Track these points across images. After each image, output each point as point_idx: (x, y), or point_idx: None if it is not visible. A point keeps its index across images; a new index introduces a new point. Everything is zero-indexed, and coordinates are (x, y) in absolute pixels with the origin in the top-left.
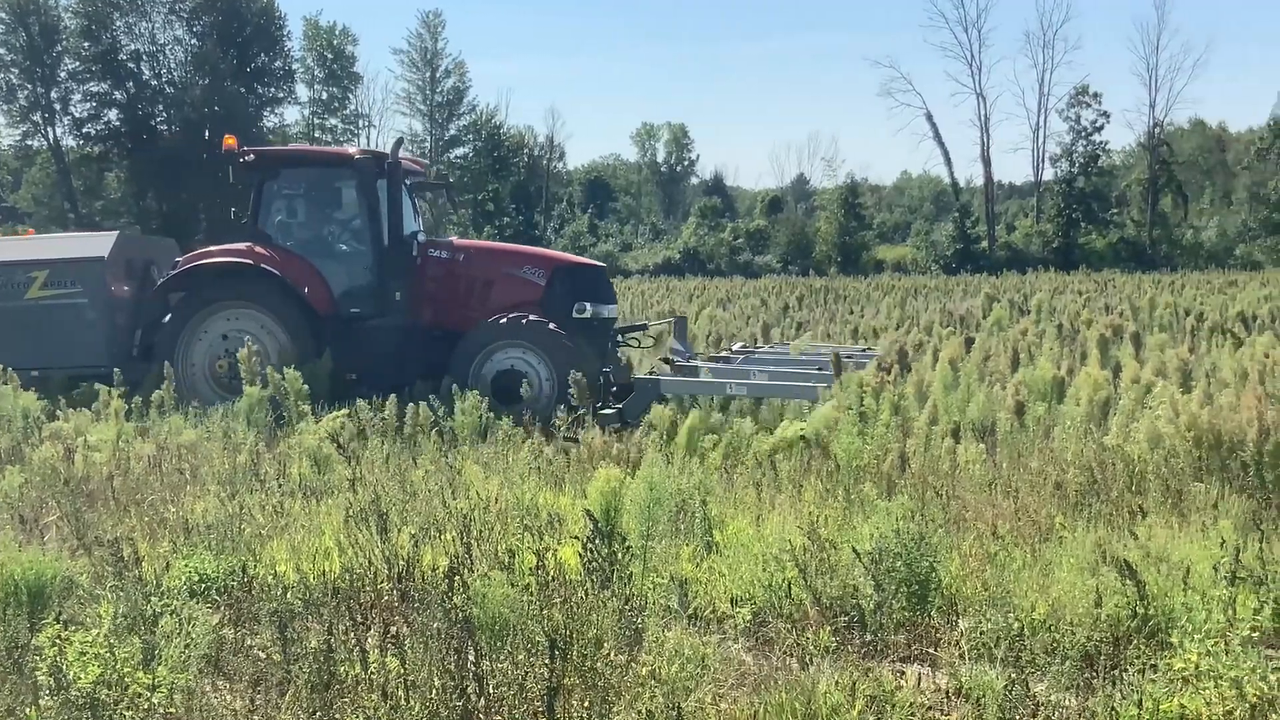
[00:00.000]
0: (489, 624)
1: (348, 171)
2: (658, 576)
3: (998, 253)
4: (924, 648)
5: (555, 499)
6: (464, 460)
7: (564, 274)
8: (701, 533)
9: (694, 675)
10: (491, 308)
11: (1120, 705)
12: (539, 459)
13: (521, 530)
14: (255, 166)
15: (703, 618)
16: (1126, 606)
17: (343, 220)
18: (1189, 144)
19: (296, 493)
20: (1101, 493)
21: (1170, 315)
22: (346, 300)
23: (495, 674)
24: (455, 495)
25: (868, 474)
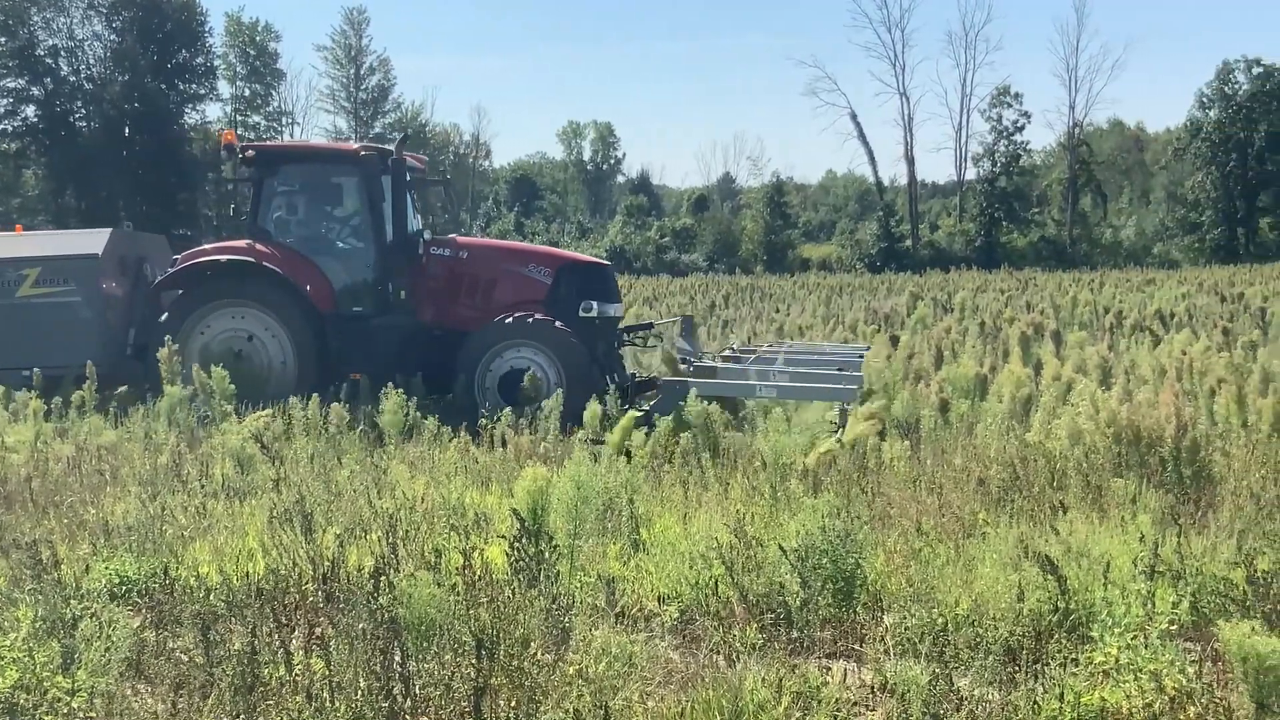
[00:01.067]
0: (415, 624)
1: (351, 168)
2: (585, 575)
3: (921, 251)
4: (849, 644)
5: (482, 498)
6: (390, 459)
7: (570, 272)
8: (629, 531)
9: (621, 674)
10: (495, 306)
11: (1042, 699)
12: (466, 458)
13: (448, 530)
14: (255, 162)
15: (630, 616)
16: (1048, 601)
17: (345, 217)
18: (1108, 144)
19: (219, 493)
20: (1023, 489)
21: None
22: (349, 299)
23: (421, 674)
24: (381, 495)
25: (794, 471)
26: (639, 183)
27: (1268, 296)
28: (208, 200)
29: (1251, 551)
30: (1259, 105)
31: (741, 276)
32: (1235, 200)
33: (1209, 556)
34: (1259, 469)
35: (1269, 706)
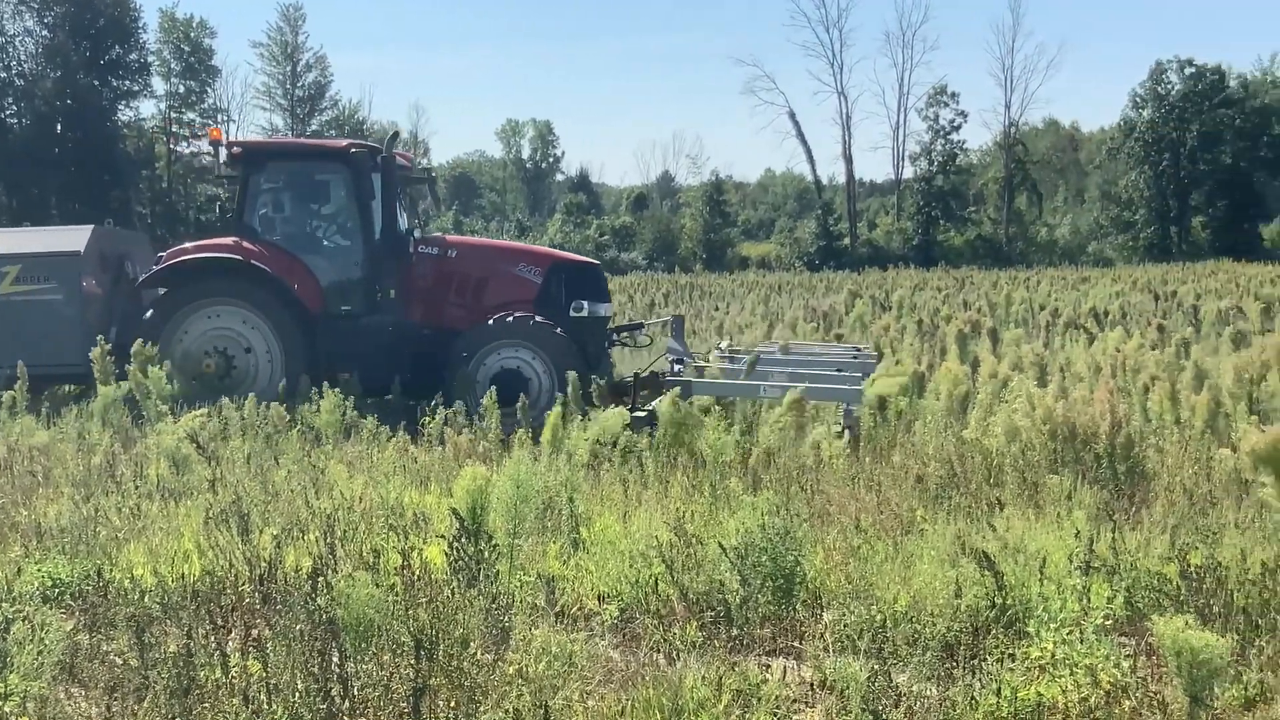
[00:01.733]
0: (353, 625)
1: (341, 165)
2: (525, 574)
3: (859, 250)
4: (789, 641)
5: (421, 498)
6: (328, 459)
7: (561, 271)
8: (569, 530)
9: (561, 673)
10: (486, 306)
11: (979, 694)
12: (405, 457)
13: (387, 530)
14: (242, 159)
15: (570, 615)
16: (985, 597)
17: (334, 215)
18: (1043, 143)
19: (154, 494)
20: (961, 485)
21: (1026, 311)
22: (338, 298)
23: (360, 675)
24: (319, 495)
25: (733, 470)
26: (578, 181)
27: (1200, 294)
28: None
29: (1185, 546)
30: (1191, 105)
31: (681, 275)
32: (1168, 199)
33: (1143, 552)
34: (1191, 465)
35: (1202, 700)
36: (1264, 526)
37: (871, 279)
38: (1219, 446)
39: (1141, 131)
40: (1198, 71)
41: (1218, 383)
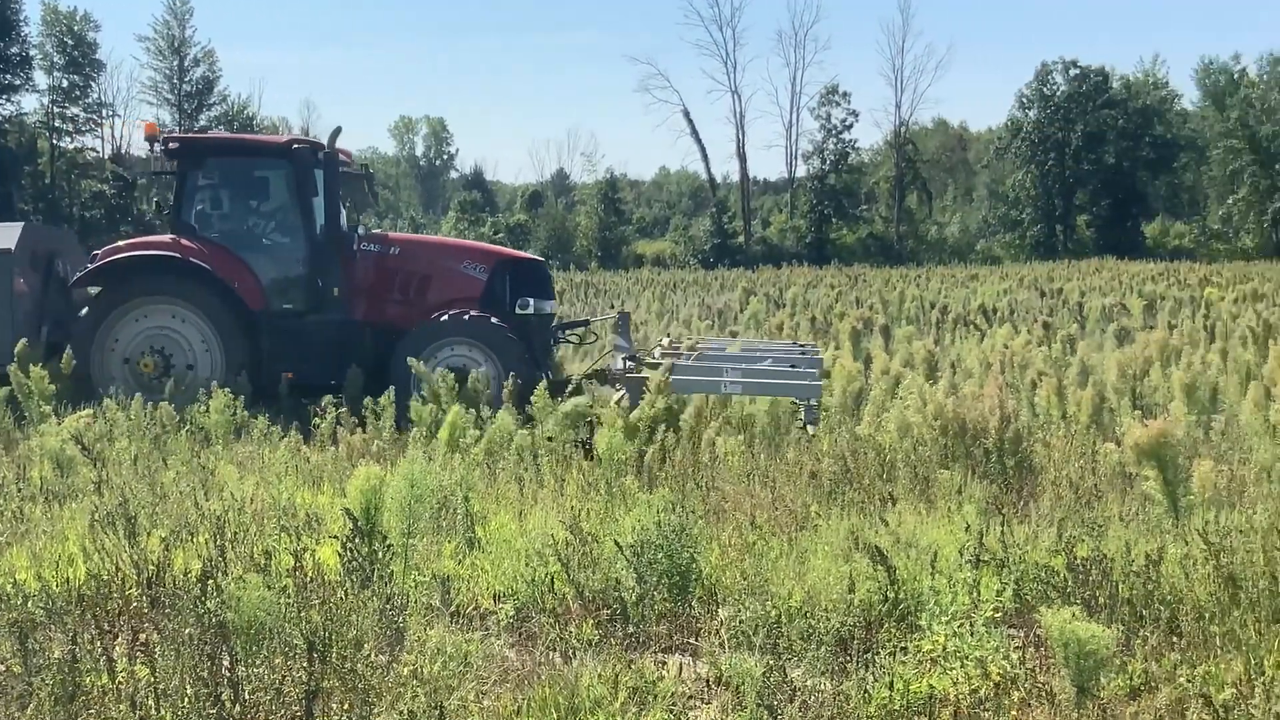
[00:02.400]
0: (244, 628)
1: (282, 161)
2: (419, 574)
3: (754, 247)
4: (685, 637)
5: (314, 498)
6: (218, 460)
7: (506, 269)
8: (464, 529)
9: (456, 673)
10: (430, 304)
11: (873, 688)
12: (297, 457)
13: (278, 531)
14: (179, 154)
15: (465, 615)
16: (878, 591)
17: (276, 212)
18: (933, 143)
19: (38, 497)
20: (854, 481)
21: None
22: (280, 296)
23: (251, 679)
24: (208, 496)
25: (629, 467)
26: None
27: (1085, 291)
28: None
29: (1071, 539)
30: (1075, 106)
31: (576, 273)
32: (1054, 198)
33: (1031, 544)
34: (1077, 459)
35: (1089, 690)
36: (1147, 519)
37: (766, 276)
38: (1104, 441)
39: (1028, 132)
40: (1082, 73)
41: (1102, 378)
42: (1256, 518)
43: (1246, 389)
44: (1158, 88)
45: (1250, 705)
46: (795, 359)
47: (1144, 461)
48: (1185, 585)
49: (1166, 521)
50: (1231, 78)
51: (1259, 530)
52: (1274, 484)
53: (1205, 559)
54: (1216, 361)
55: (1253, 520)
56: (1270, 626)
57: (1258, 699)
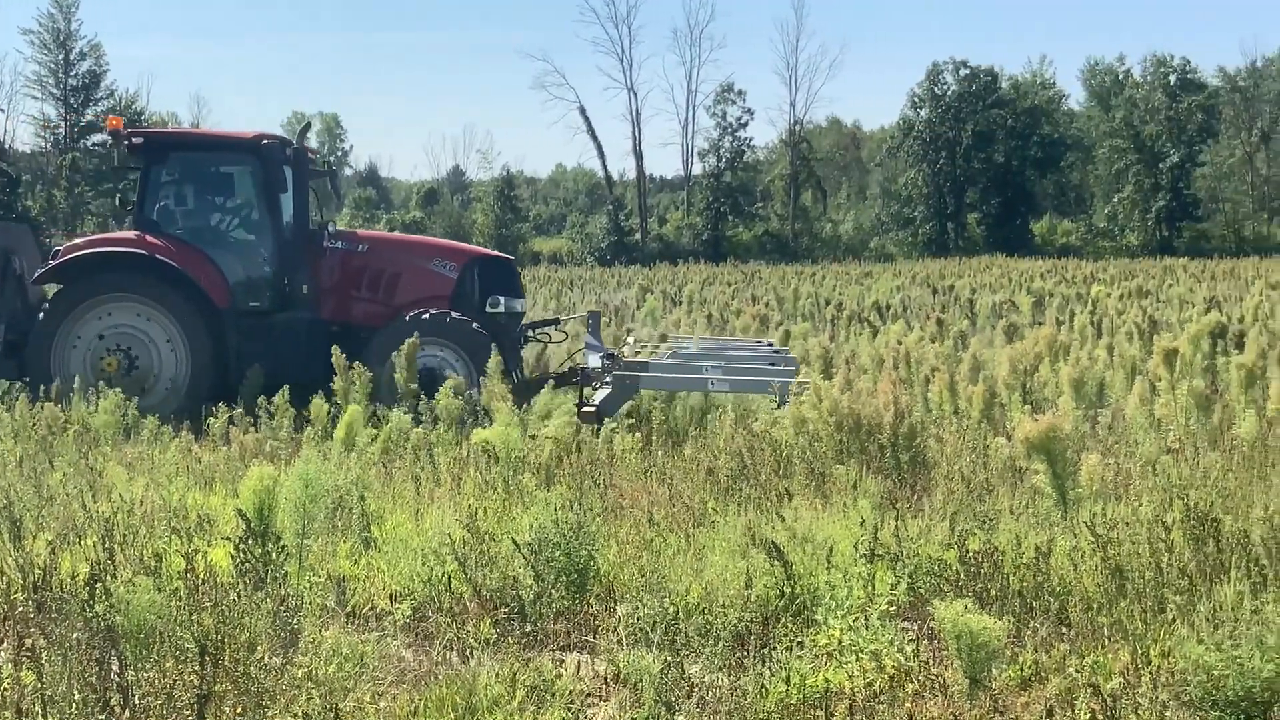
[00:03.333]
0: (134, 632)
1: (251, 157)
2: (314, 575)
3: (650, 245)
4: (583, 635)
5: (205, 499)
6: (106, 461)
7: (476, 267)
8: (359, 529)
9: (352, 674)
10: (399, 302)
11: (770, 682)
12: (188, 457)
13: (169, 533)
14: (144, 150)
15: (361, 615)
16: (775, 587)
17: (243, 209)
18: (827, 141)
19: None
20: (751, 477)
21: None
22: (247, 294)
23: (141, 684)
24: (97, 498)
25: (527, 465)
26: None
27: (975, 289)
28: None
29: (963, 533)
30: (966, 105)
31: None
32: (945, 196)
33: (924, 538)
34: (969, 453)
35: (981, 681)
36: (1037, 512)
37: (662, 274)
38: (995, 435)
39: (919, 131)
40: (972, 73)
41: (993, 374)
42: (1142, 510)
43: (1132, 384)
44: (1045, 88)
45: (1137, 694)
46: (771, 357)
47: (1033, 455)
48: (1074, 577)
49: (1055, 514)
50: (1116, 78)
51: (1144, 522)
52: (1158, 477)
53: (1093, 551)
54: (1103, 357)
55: (1138, 512)
56: (1156, 617)
57: (1144, 688)
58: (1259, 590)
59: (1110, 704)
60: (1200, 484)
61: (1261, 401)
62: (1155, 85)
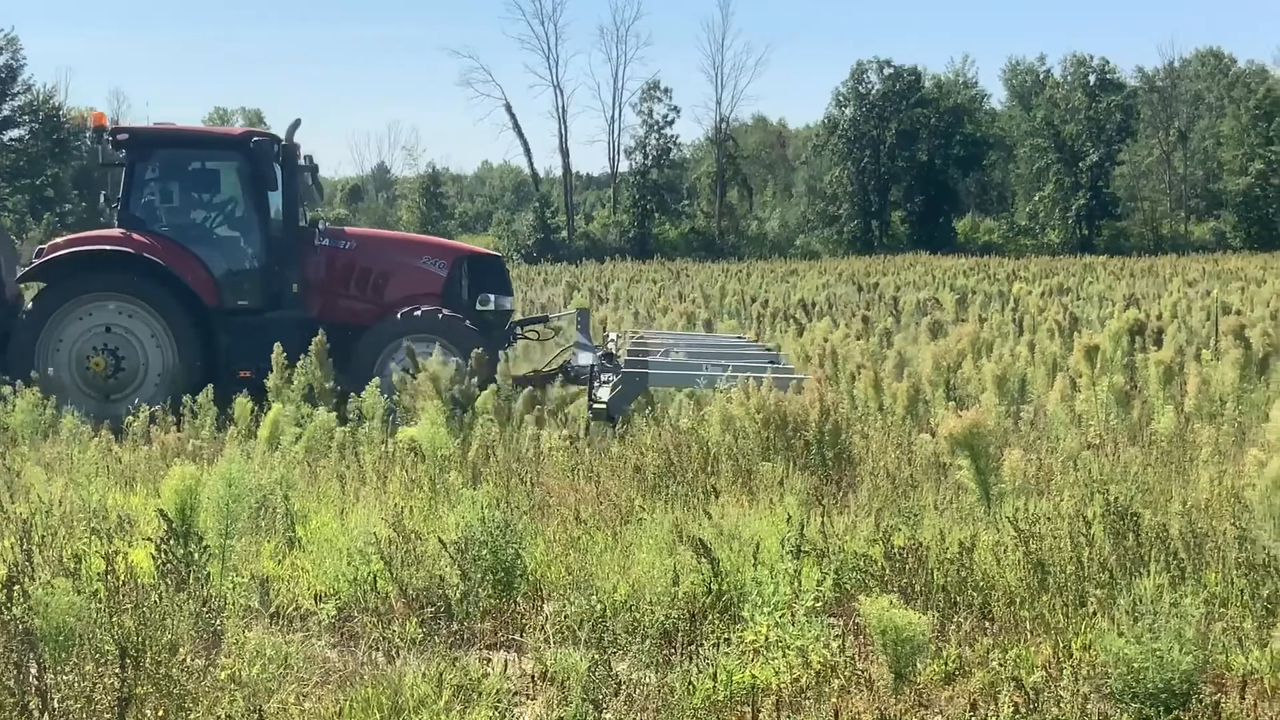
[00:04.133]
0: (53, 634)
1: (240, 154)
2: (238, 576)
3: (577, 242)
4: (510, 634)
5: (126, 500)
6: (24, 461)
7: (467, 264)
8: (284, 529)
9: (276, 675)
10: (388, 300)
11: (697, 679)
12: (109, 457)
13: (89, 534)
14: (128, 146)
15: (285, 616)
16: (702, 584)
17: (231, 207)
18: (753, 139)
19: None
20: (678, 474)
21: (738, 302)
22: (236, 292)
23: (60, 687)
24: (14, 499)
25: (453, 463)
26: None
27: (900, 286)
28: None
29: (888, 528)
30: (890, 104)
31: None
32: (870, 195)
33: (850, 534)
34: (894, 450)
35: (906, 675)
36: (960, 507)
37: (589, 271)
38: (919, 431)
39: (844, 129)
40: (896, 72)
41: (917, 370)
42: (1063, 505)
43: (1053, 380)
44: (967, 87)
45: (1059, 687)
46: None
47: (957, 451)
48: (997, 571)
49: (979, 509)
50: (1037, 78)
51: (1065, 517)
52: (1079, 472)
53: (1015, 545)
54: (1025, 354)
55: (1060, 507)
56: (1077, 610)
57: (1066, 681)
58: (1177, 583)
59: (1032, 697)
60: (1120, 479)
61: (1179, 397)
62: (1075, 85)
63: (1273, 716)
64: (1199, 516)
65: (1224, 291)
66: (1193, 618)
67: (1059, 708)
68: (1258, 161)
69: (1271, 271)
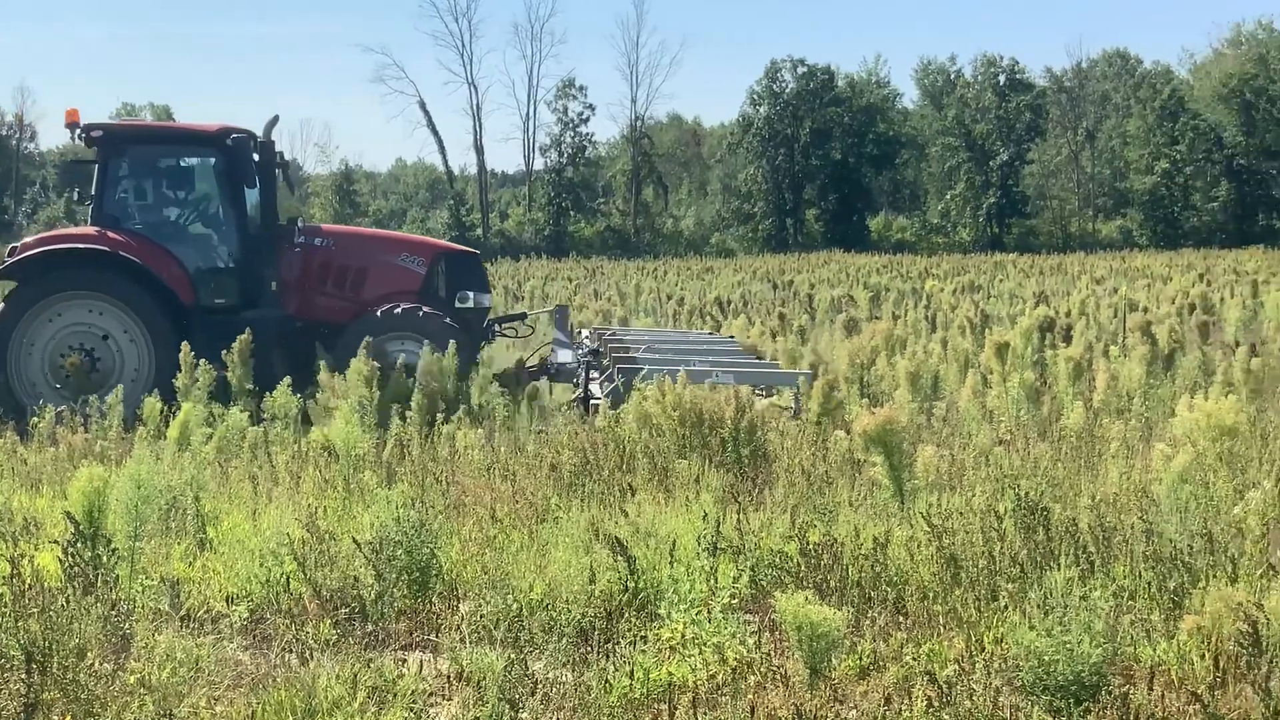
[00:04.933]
0: None
1: (216, 151)
2: (147, 578)
3: (492, 240)
4: (426, 634)
5: (32, 502)
6: None
7: (445, 262)
8: (195, 530)
9: (187, 679)
10: (366, 298)
11: (613, 677)
12: (13, 459)
13: None
14: (102, 143)
15: (196, 618)
16: (619, 582)
17: (210, 204)
18: (668, 137)
19: None
20: (594, 472)
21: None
22: (213, 290)
23: None
24: None
25: (367, 463)
26: None
27: (814, 284)
28: None
29: (804, 525)
30: (804, 103)
31: None
32: (784, 193)
33: (766, 531)
34: (809, 447)
35: (821, 670)
36: (875, 503)
37: (504, 269)
38: (834, 428)
39: (758, 127)
40: (809, 71)
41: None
42: (975, 500)
43: (965, 377)
44: (880, 86)
45: (971, 680)
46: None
47: (871, 448)
48: (910, 566)
49: (893, 505)
50: (948, 78)
51: (977, 512)
52: (991, 467)
53: (928, 541)
54: (937, 351)
55: (972, 502)
56: (989, 604)
57: (978, 674)
58: (1087, 577)
59: (945, 690)
60: (1031, 474)
61: (1088, 393)
62: (985, 85)
63: (1179, 707)
64: (1107, 510)
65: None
66: (1102, 610)
67: (971, 701)
68: (1163, 161)
69: (1176, 269)
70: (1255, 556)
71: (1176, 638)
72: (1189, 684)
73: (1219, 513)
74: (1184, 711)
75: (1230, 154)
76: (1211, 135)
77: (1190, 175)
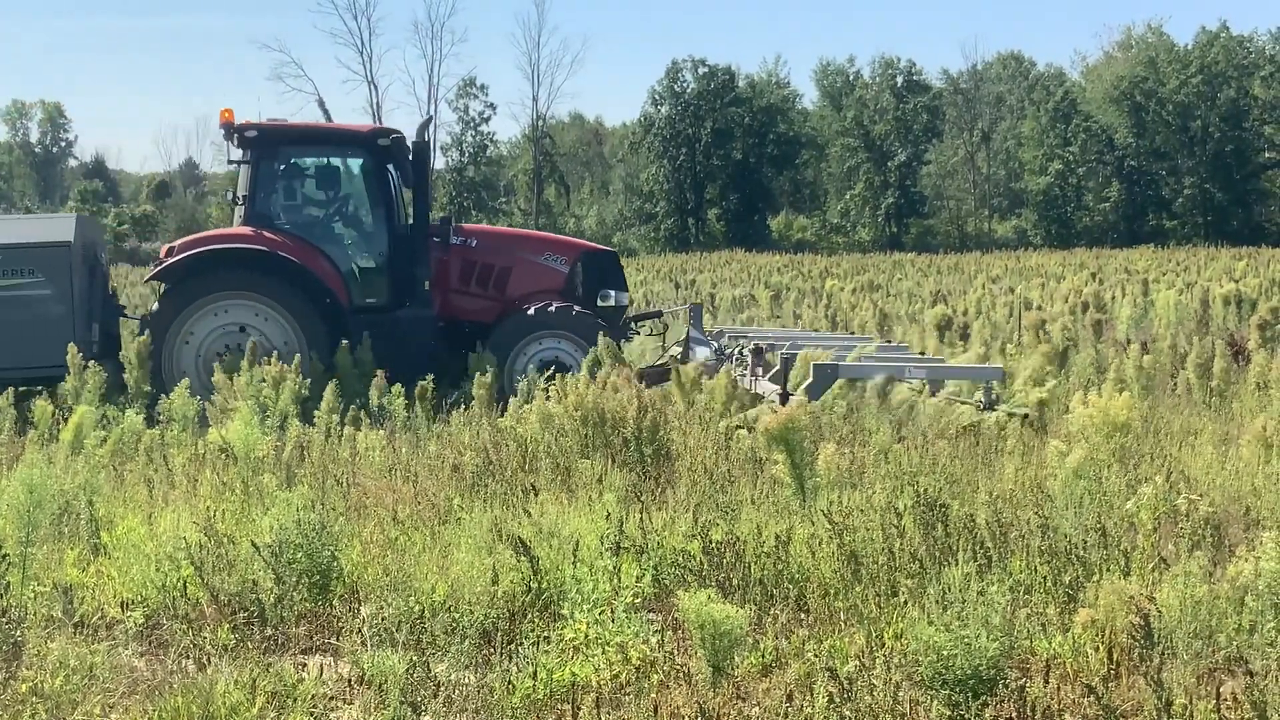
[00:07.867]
0: None
1: (369, 152)
2: (39, 584)
3: None
4: (326, 637)
5: None
6: None
7: (587, 260)
8: (88, 534)
9: (80, 687)
10: (510, 296)
11: (516, 678)
12: None
13: None
14: (256, 143)
15: (90, 625)
16: (521, 582)
17: (363, 204)
18: (570, 136)
19: None
20: (496, 473)
21: None
22: (366, 290)
23: None
24: None
25: (266, 465)
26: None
27: (716, 283)
28: None
29: (706, 523)
30: (705, 103)
31: None
32: (686, 192)
33: (669, 530)
34: (711, 446)
35: (724, 668)
36: (777, 501)
37: None
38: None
39: (660, 127)
40: (710, 71)
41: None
42: (875, 497)
43: None
44: (780, 87)
45: (872, 675)
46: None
47: (773, 446)
48: (812, 564)
49: (794, 503)
50: (847, 79)
51: (877, 509)
52: (891, 465)
53: (830, 538)
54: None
55: (872, 500)
56: (889, 600)
57: (879, 669)
58: (984, 572)
59: (847, 686)
60: (929, 471)
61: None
62: (883, 86)
63: (1074, 699)
64: (1004, 506)
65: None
66: (999, 605)
67: (872, 696)
68: (1056, 162)
69: (1070, 268)
70: (1147, 550)
71: (1071, 631)
72: (1084, 676)
73: (1112, 508)
74: (1079, 703)
75: (1121, 155)
76: (1103, 137)
77: (1083, 176)
